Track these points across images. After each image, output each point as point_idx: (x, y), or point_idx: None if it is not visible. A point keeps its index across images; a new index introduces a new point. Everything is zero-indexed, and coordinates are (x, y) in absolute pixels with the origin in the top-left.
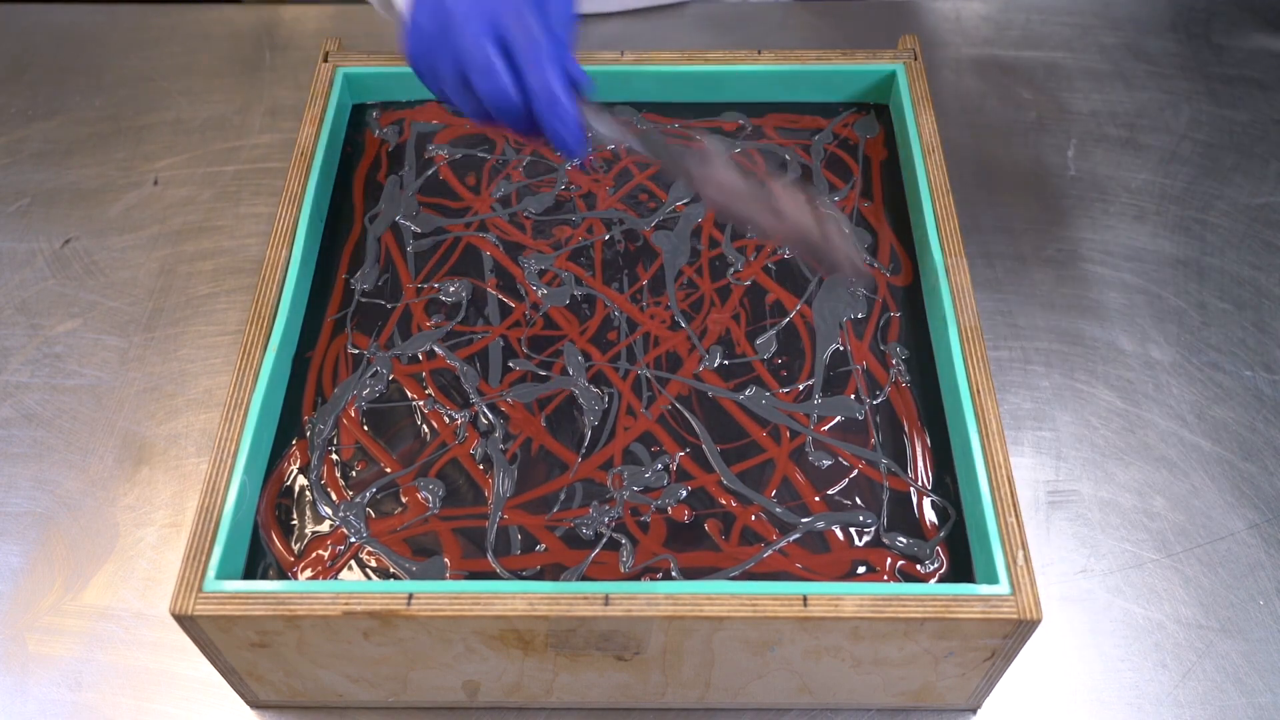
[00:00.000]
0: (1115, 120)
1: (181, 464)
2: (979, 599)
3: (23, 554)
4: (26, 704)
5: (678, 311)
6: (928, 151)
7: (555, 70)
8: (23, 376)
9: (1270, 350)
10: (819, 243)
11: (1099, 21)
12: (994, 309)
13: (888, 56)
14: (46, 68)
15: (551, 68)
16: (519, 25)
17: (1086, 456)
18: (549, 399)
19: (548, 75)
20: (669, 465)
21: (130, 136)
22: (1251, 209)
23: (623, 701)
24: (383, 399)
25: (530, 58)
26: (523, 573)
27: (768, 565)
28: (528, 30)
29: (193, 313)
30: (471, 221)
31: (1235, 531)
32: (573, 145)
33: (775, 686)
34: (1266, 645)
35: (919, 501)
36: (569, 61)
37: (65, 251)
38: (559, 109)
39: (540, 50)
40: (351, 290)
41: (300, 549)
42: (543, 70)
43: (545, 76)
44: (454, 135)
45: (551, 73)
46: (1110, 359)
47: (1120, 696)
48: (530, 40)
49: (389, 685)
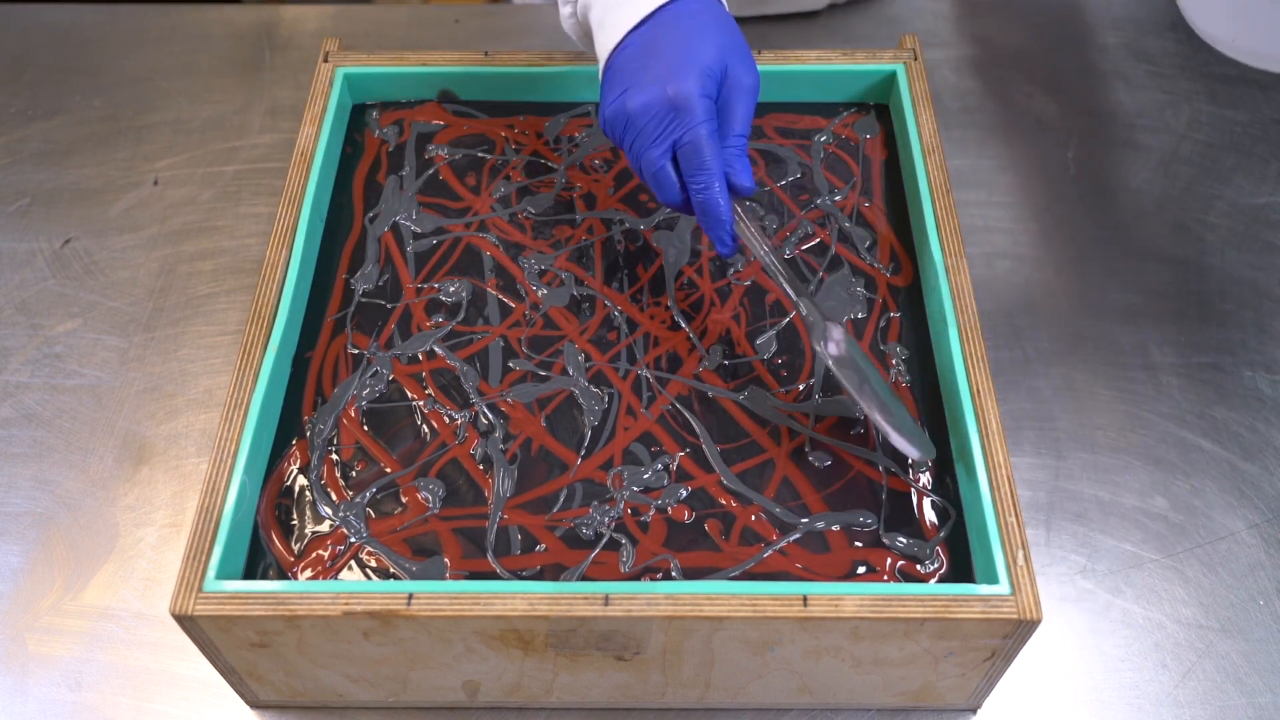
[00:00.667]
0: (1115, 120)
1: (181, 464)
2: (979, 599)
3: (23, 554)
4: (26, 704)
5: (678, 311)
6: (928, 151)
7: (717, 183)
8: (23, 376)
9: (1270, 350)
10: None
11: (1099, 21)
12: (994, 309)
13: (888, 56)
14: (46, 68)
15: (713, 182)
16: (690, 141)
17: (1086, 456)
18: (549, 399)
19: (710, 190)
20: (669, 465)
21: (130, 136)
22: (1251, 209)
23: (623, 701)
24: (383, 399)
25: (695, 174)
26: (523, 573)
27: (768, 565)
28: (697, 145)
29: (193, 313)
30: (471, 221)
31: (1235, 531)
32: (725, 243)
33: (775, 686)
34: (1266, 645)
35: (919, 501)
36: (735, 168)
37: (65, 251)
38: (713, 217)
39: (705, 167)
40: (351, 290)
41: (300, 549)
42: (707, 185)
43: (708, 191)
44: (454, 135)
45: (713, 187)
46: (1110, 359)
47: (1120, 696)
48: (697, 156)
49: (389, 685)
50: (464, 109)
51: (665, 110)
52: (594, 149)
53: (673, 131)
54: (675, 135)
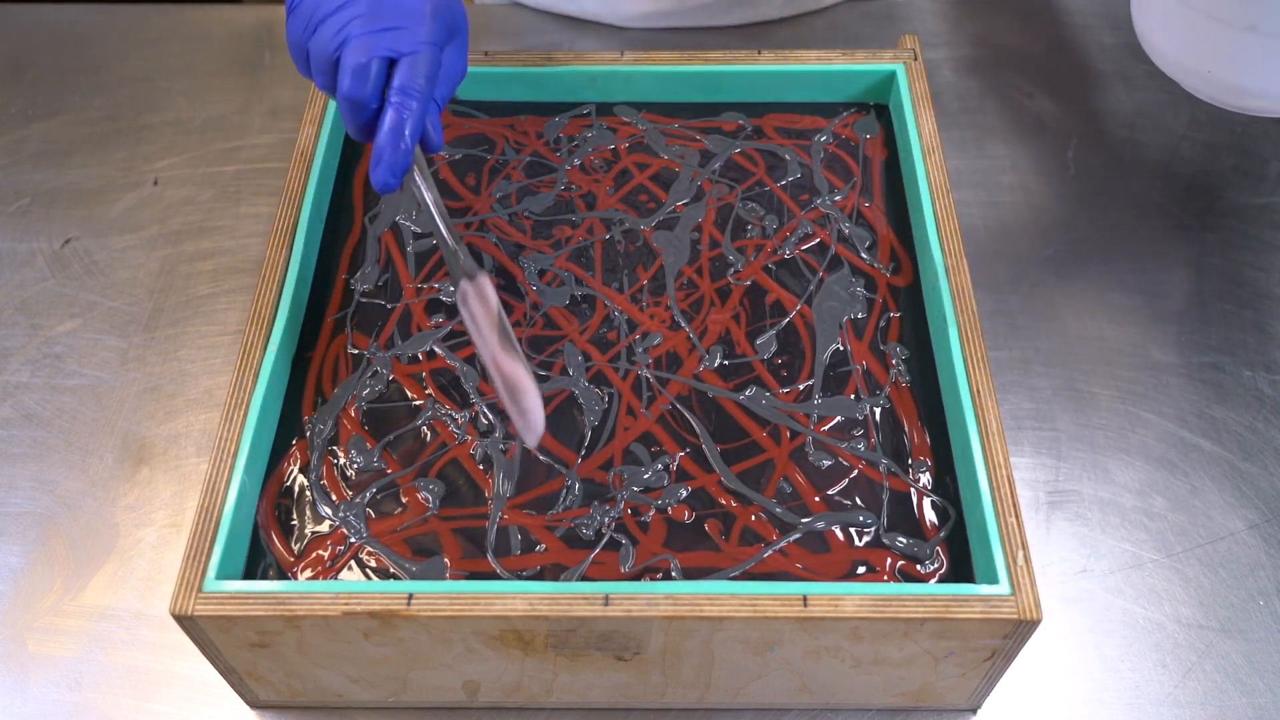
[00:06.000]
0: (1115, 120)
1: (181, 464)
2: (979, 599)
3: (23, 554)
4: (26, 704)
5: (678, 311)
6: (928, 151)
7: (420, 112)
8: (23, 376)
9: (1270, 350)
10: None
11: (1099, 21)
12: (994, 309)
13: (888, 56)
14: (46, 68)
15: (426, 106)
16: (425, 55)
17: (1086, 456)
18: (549, 399)
19: (416, 113)
20: (669, 465)
21: (130, 136)
22: (1251, 209)
23: (623, 702)
24: (383, 399)
25: (409, 90)
26: (523, 573)
27: (768, 565)
28: (432, 62)
29: (193, 313)
30: (471, 221)
31: (1235, 531)
32: (386, 173)
33: (775, 686)
34: (1266, 645)
35: (919, 501)
36: (434, 116)
37: (65, 251)
38: (398, 141)
39: (423, 91)
40: (351, 290)
41: (300, 549)
42: (420, 107)
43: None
44: (454, 135)
45: (417, 112)
46: (1110, 359)
47: (1120, 696)
48: (424, 73)
49: (389, 685)
50: (464, 109)
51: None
52: (594, 149)
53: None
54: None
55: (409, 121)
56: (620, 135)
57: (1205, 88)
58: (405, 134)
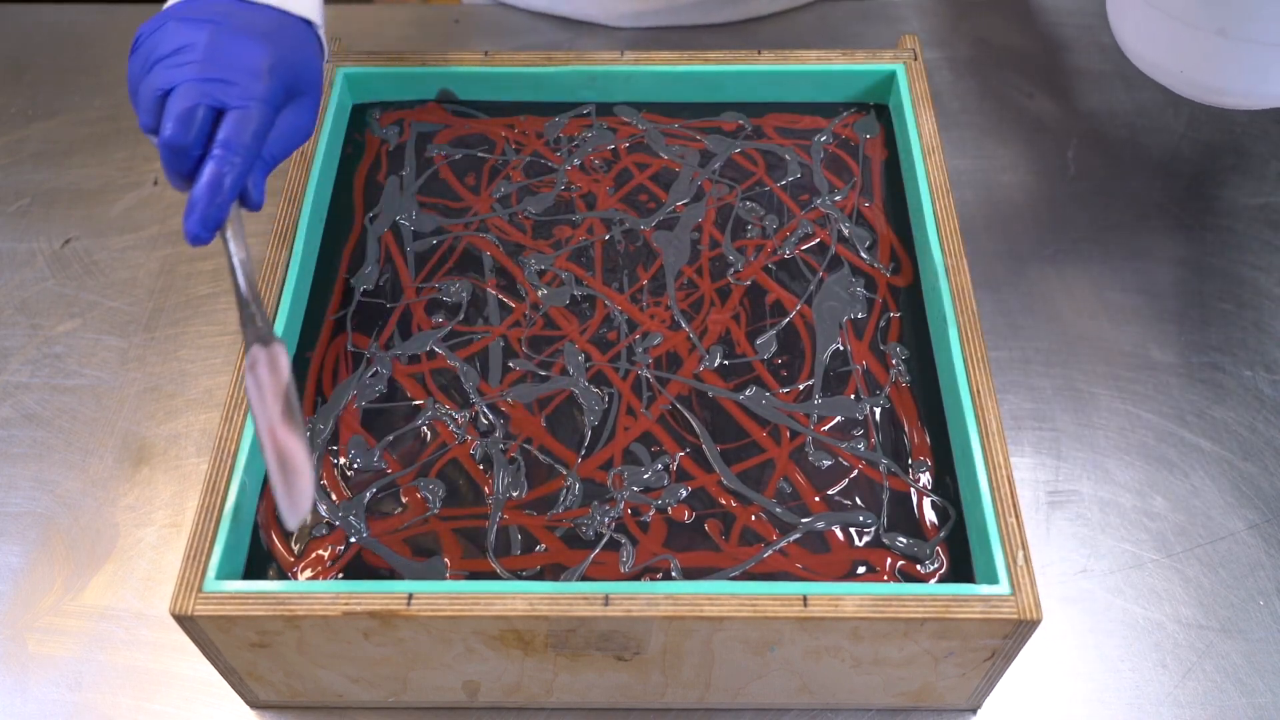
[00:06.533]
0: (1115, 120)
1: (181, 464)
2: (979, 599)
3: (23, 554)
4: (26, 704)
5: (678, 311)
6: (928, 151)
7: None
8: (23, 376)
9: (1270, 350)
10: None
11: (1099, 21)
12: (994, 309)
13: (888, 56)
14: (46, 68)
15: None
16: (255, 112)
17: (1086, 456)
18: (549, 399)
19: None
20: (669, 465)
21: (130, 136)
22: (1251, 209)
23: (623, 702)
24: (383, 399)
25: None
26: (523, 573)
27: (768, 565)
28: (263, 120)
29: (193, 313)
30: (471, 221)
31: (1235, 531)
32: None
33: (775, 686)
34: (1266, 645)
35: (919, 501)
36: (259, 174)
37: (65, 251)
38: (217, 196)
39: (248, 147)
40: (351, 290)
41: (300, 549)
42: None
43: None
44: (454, 135)
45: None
46: (1110, 359)
47: (1120, 696)
48: (251, 130)
49: (389, 685)
50: (464, 109)
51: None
52: (594, 149)
53: (242, 87)
54: (243, 94)
55: (228, 176)
56: (620, 135)
57: (1179, 85)
58: (224, 188)
